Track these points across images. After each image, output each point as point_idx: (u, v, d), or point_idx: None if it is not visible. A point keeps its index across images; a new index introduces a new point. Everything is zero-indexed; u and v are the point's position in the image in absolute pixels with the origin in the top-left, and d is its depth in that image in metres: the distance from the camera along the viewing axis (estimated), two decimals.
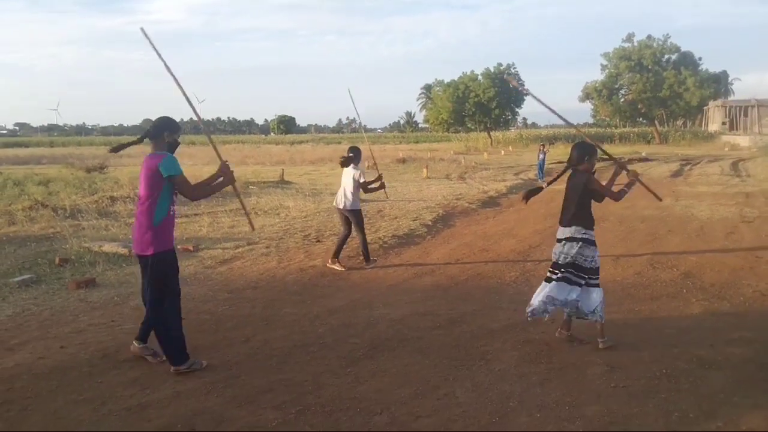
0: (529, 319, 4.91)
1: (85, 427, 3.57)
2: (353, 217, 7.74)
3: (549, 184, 5.22)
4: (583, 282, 4.75)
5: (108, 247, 8.41)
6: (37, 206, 11.86)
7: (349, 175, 7.75)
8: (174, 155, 4.44)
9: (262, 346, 4.91)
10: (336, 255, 7.72)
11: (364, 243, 7.86)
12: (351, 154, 7.85)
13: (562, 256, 4.77)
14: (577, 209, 4.76)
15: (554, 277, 4.80)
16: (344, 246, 7.90)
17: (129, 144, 4.73)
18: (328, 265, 7.66)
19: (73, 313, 5.76)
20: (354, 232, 7.88)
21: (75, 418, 3.69)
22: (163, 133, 4.45)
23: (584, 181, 4.74)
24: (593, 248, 4.77)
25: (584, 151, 4.85)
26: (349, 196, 7.70)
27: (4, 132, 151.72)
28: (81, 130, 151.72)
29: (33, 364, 4.54)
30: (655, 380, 4.15)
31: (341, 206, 7.76)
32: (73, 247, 8.52)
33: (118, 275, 7.16)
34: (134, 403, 3.87)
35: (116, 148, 4.80)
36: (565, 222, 4.84)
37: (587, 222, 4.77)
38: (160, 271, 4.33)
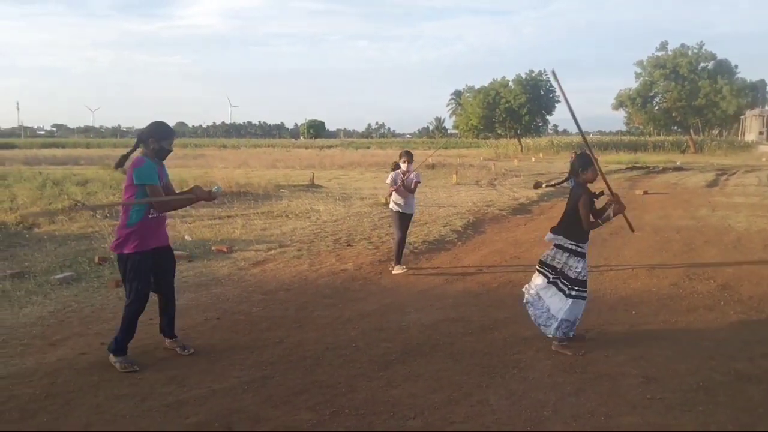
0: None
1: (126, 422, 3.67)
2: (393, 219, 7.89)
3: (549, 185, 5.97)
4: (566, 291, 4.86)
5: None
6: (76, 206, 12.17)
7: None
8: (151, 163, 4.47)
9: (296, 348, 4.97)
10: (398, 260, 7.80)
11: (398, 245, 7.88)
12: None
13: (551, 258, 5.00)
14: (569, 221, 4.96)
15: (550, 277, 4.96)
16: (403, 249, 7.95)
17: (128, 154, 4.70)
18: (393, 272, 7.67)
19: (113, 311, 5.90)
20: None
21: (116, 413, 3.79)
22: (149, 139, 4.54)
23: (578, 198, 4.88)
24: (580, 260, 4.87)
25: (585, 162, 5.02)
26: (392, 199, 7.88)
27: (42, 133, 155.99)
28: (116, 132, 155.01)
29: (75, 359, 4.67)
30: (692, 393, 4.09)
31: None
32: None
33: None
34: (172, 400, 3.96)
35: (119, 163, 4.77)
36: (555, 229, 5.06)
37: (576, 235, 4.91)
38: (131, 270, 4.47)
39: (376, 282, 7.30)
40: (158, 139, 4.55)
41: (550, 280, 4.95)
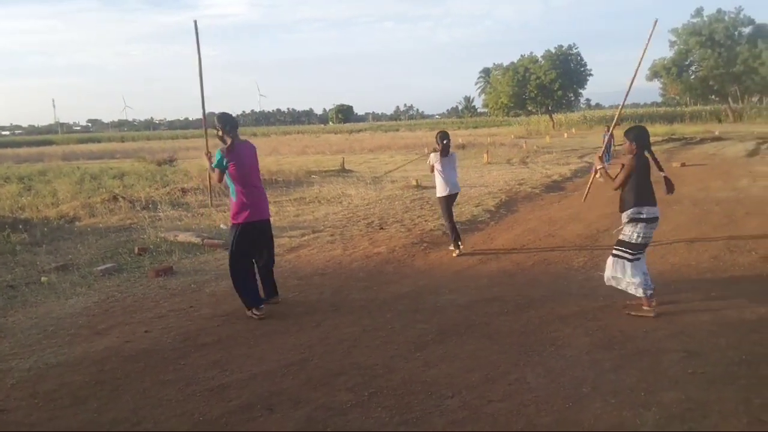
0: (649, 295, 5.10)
1: (172, 406, 3.78)
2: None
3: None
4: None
5: (183, 237, 8.78)
6: (114, 199, 12.48)
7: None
8: (219, 153, 5.46)
9: (333, 331, 5.04)
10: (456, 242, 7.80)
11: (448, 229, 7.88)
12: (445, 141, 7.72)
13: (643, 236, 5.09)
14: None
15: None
16: (455, 230, 7.87)
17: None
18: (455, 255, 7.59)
19: (154, 300, 6.07)
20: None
21: (162, 397, 3.91)
22: (225, 127, 5.53)
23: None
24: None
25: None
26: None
27: (78, 128, 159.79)
28: (149, 125, 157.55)
29: (120, 347, 4.83)
30: (735, 366, 4.02)
31: None
32: (150, 237, 8.95)
33: (194, 263, 7.47)
34: (215, 384, 4.07)
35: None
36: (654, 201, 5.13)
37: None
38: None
39: (410, 264, 7.32)
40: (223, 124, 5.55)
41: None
